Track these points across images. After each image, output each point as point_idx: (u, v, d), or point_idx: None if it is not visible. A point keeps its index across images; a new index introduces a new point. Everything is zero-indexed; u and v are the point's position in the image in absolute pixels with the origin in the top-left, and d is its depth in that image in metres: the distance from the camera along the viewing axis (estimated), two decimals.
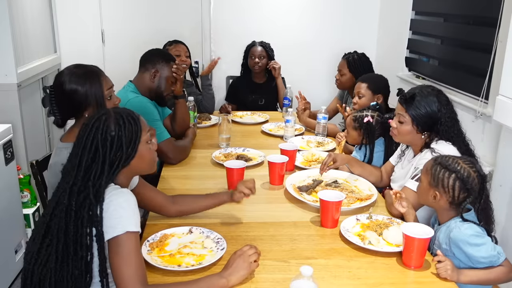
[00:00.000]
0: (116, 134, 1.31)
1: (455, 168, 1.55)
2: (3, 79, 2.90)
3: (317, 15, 4.12)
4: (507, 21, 2.24)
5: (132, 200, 1.31)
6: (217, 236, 1.58)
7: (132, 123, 1.35)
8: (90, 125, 1.33)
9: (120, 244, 1.24)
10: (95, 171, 1.28)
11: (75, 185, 1.27)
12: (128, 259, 1.24)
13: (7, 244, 2.48)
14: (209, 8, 4.00)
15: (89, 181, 1.27)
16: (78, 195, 1.26)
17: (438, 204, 1.59)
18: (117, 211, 1.26)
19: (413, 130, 1.89)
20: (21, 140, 3.01)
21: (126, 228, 1.24)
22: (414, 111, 1.86)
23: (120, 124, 1.33)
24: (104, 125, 1.32)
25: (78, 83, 1.71)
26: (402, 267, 1.48)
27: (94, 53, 3.91)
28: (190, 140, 2.56)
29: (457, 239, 1.51)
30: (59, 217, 1.26)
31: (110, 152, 1.30)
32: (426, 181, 1.62)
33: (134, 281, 1.23)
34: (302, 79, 4.03)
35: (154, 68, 2.41)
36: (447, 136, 1.86)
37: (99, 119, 1.33)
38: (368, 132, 2.28)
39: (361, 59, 3.08)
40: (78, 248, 1.24)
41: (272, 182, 2.12)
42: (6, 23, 2.86)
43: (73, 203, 1.25)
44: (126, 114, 1.37)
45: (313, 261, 1.51)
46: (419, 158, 1.90)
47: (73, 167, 1.30)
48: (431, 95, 1.87)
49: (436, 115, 1.85)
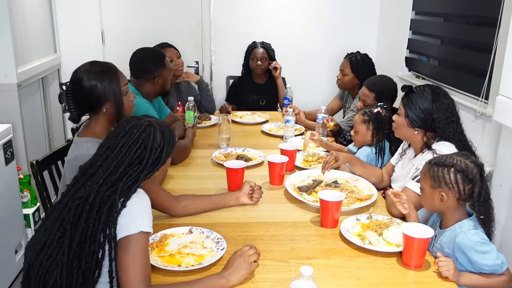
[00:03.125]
0: (162, 147, 1.37)
1: (452, 163, 1.55)
2: (3, 79, 2.90)
3: (317, 14, 4.12)
4: (507, 21, 2.24)
5: (147, 200, 1.33)
6: (217, 236, 1.59)
7: (171, 138, 1.42)
8: (136, 133, 1.36)
9: (131, 243, 1.24)
10: (129, 176, 1.31)
11: (105, 185, 1.29)
12: (136, 258, 1.24)
13: (7, 244, 2.48)
14: (209, 8, 3.99)
15: (120, 182, 1.29)
16: (105, 193, 1.27)
17: (447, 205, 1.57)
18: (133, 210, 1.27)
19: (405, 124, 1.92)
20: (21, 140, 3.01)
21: (140, 228, 1.25)
22: (408, 106, 1.91)
23: (164, 138, 1.39)
24: (152, 136, 1.36)
25: (97, 79, 1.76)
26: (402, 267, 1.48)
27: (94, 53, 3.90)
28: (190, 140, 2.56)
29: (463, 245, 1.50)
30: (76, 212, 1.27)
31: (152, 162, 1.35)
32: (427, 185, 1.60)
33: (139, 281, 1.23)
34: (302, 79, 4.03)
35: (153, 76, 2.44)
36: (444, 135, 1.87)
37: (145, 130, 1.37)
38: (379, 123, 2.28)
39: (363, 59, 3.09)
40: (92, 243, 1.24)
41: (272, 182, 2.12)
42: (6, 23, 2.86)
43: (97, 201, 1.26)
44: (167, 129, 1.43)
45: (313, 261, 1.51)
46: (420, 158, 1.90)
47: (105, 170, 1.31)
48: (427, 92, 1.89)
49: (428, 111, 1.87)
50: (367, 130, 2.32)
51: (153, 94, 2.51)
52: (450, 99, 1.91)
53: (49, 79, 3.66)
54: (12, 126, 2.58)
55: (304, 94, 3.68)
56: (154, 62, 2.46)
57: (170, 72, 2.56)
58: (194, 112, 2.79)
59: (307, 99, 3.77)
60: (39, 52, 3.47)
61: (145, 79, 2.44)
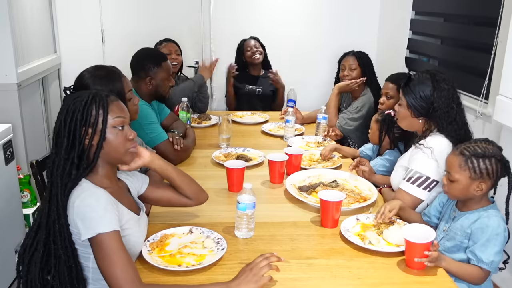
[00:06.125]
0: (78, 110, 1.32)
1: (490, 153, 1.54)
2: (3, 79, 2.90)
3: (317, 14, 4.12)
4: (507, 21, 2.24)
5: (103, 199, 1.29)
6: (217, 236, 1.58)
7: (100, 103, 1.35)
8: (64, 104, 1.35)
9: (99, 246, 1.24)
10: (65, 146, 1.30)
11: (54, 163, 1.31)
12: (112, 259, 1.23)
13: (7, 244, 2.48)
14: (209, 8, 3.99)
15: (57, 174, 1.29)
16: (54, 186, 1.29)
17: (482, 192, 1.57)
18: (87, 213, 1.25)
19: (409, 114, 1.90)
20: (21, 140, 3.00)
21: (98, 230, 1.23)
22: (408, 96, 1.89)
23: (85, 102, 1.33)
24: (73, 102, 1.34)
25: (101, 84, 1.74)
26: (402, 267, 1.48)
27: (94, 53, 3.90)
28: (192, 140, 2.56)
29: (487, 226, 1.52)
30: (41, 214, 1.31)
31: (69, 128, 1.30)
32: (464, 177, 1.56)
33: (124, 280, 1.22)
34: (302, 79, 4.03)
35: (147, 75, 2.38)
36: (442, 121, 1.84)
37: (73, 98, 1.35)
38: (386, 125, 2.28)
39: (367, 55, 3.10)
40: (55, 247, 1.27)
41: (272, 180, 2.12)
42: (6, 23, 2.85)
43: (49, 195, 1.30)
44: (101, 95, 1.37)
45: (313, 261, 1.51)
46: (409, 156, 1.90)
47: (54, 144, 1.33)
48: (426, 79, 1.87)
49: (429, 99, 1.85)
50: (377, 130, 2.34)
51: (147, 95, 2.41)
52: (450, 84, 1.86)
53: (49, 79, 3.66)
54: (12, 126, 2.58)
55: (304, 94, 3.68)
56: (151, 61, 2.40)
57: (168, 78, 2.44)
58: (188, 113, 2.79)
59: (307, 99, 3.76)
60: (39, 52, 3.47)
61: (138, 77, 2.39)
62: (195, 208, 1.84)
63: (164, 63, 2.43)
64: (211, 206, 1.87)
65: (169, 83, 2.47)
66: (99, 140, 1.33)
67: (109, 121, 1.35)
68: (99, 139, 1.33)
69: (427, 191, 1.82)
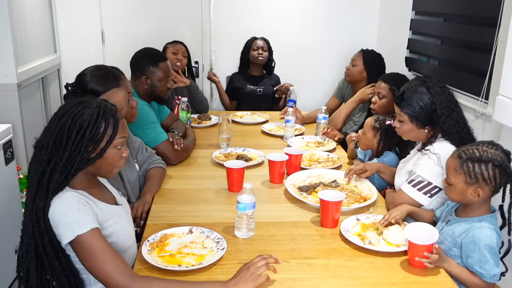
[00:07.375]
0: (87, 127, 1.29)
1: (488, 157, 1.48)
2: (3, 79, 2.90)
3: (318, 14, 4.11)
4: (507, 21, 2.24)
5: (75, 202, 1.28)
6: (217, 236, 1.58)
7: (109, 122, 1.32)
8: (66, 107, 1.32)
9: (82, 247, 1.24)
10: (56, 160, 1.29)
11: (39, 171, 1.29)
12: (98, 257, 1.23)
13: (7, 244, 2.48)
14: (209, 8, 3.99)
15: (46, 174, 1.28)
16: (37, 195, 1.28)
17: (480, 198, 1.52)
18: (62, 218, 1.25)
19: (414, 127, 1.86)
20: (21, 140, 3.00)
21: (76, 233, 1.24)
22: (408, 109, 1.83)
23: (95, 118, 1.30)
24: (79, 112, 1.30)
25: (98, 84, 1.75)
26: (403, 267, 1.48)
27: (94, 53, 3.90)
28: (192, 140, 2.56)
29: (476, 238, 1.49)
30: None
31: (73, 142, 1.28)
32: (460, 181, 1.53)
33: (117, 273, 1.22)
34: (302, 79, 4.03)
35: (142, 74, 2.37)
36: (447, 125, 1.81)
37: (78, 105, 1.31)
38: (386, 136, 2.21)
39: (377, 57, 3.07)
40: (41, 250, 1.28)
41: (272, 180, 2.13)
42: (6, 23, 2.85)
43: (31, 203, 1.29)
44: (109, 110, 1.34)
45: (313, 261, 1.51)
46: (415, 160, 1.88)
47: (39, 150, 1.33)
48: (420, 87, 1.83)
49: (430, 107, 1.81)
50: (373, 138, 2.26)
51: (143, 95, 2.40)
52: (441, 85, 1.85)
53: (49, 79, 3.66)
54: (12, 126, 2.58)
55: (304, 93, 3.68)
56: (149, 60, 2.39)
57: (165, 78, 2.42)
58: (188, 113, 2.78)
59: (307, 98, 3.77)
60: (39, 52, 3.47)
61: (136, 75, 2.39)
62: (195, 208, 1.85)
63: (162, 63, 2.42)
64: (211, 206, 1.87)
65: (166, 84, 2.45)
66: (95, 156, 1.32)
67: (113, 140, 1.34)
68: (96, 155, 1.32)
69: (427, 197, 1.80)
